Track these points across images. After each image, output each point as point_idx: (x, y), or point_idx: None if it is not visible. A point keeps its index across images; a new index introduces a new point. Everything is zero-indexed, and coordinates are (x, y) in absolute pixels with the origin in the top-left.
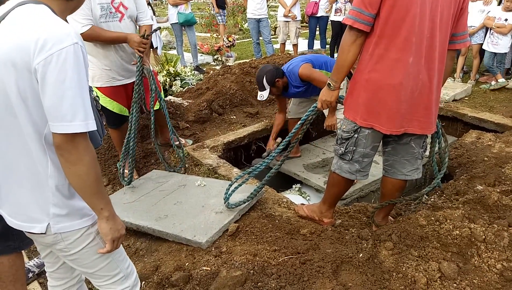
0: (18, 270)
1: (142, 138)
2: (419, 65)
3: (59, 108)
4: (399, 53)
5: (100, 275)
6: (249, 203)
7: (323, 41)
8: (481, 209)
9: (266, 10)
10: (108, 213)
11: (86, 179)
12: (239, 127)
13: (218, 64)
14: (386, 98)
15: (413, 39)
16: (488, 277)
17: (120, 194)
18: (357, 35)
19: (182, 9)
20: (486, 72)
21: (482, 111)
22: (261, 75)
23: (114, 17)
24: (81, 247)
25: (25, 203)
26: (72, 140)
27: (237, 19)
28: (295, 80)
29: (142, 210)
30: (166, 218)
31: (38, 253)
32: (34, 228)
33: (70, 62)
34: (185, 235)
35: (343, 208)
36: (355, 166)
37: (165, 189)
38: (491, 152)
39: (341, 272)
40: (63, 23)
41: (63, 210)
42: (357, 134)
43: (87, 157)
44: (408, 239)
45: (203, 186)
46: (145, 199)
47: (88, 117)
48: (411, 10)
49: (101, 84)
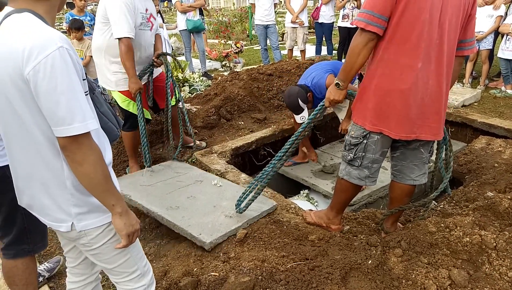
0: (31, 273)
1: (151, 144)
2: (428, 71)
3: (56, 114)
4: (408, 59)
5: (119, 271)
6: (259, 214)
7: (329, 47)
8: (492, 216)
9: (273, 16)
10: (121, 208)
11: (94, 177)
12: (247, 132)
13: (226, 70)
14: (395, 103)
15: (422, 44)
16: (500, 285)
17: (138, 175)
18: (369, 38)
19: (191, 16)
20: (495, 77)
21: (492, 117)
22: (294, 100)
23: (147, 26)
24: (102, 242)
25: (48, 206)
26: (76, 141)
27: (245, 25)
28: (320, 92)
29: (156, 196)
30: (177, 210)
31: (49, 258)
32: (61, 227)
33: (58, 67)
34: (191, 230)
35: (351, 214)
36: (365, 172)
37: (182, 180)
38: (502, 158)
39: (349, 279)
40: (45, 28)
41: (83, 208)
42: (366, 139)
43: (92, 157)
44: (417, 246)
45: (219, 186)
46: (161, 186)
47: (87, 117)
48: (421, 16)
49: (123, 88)
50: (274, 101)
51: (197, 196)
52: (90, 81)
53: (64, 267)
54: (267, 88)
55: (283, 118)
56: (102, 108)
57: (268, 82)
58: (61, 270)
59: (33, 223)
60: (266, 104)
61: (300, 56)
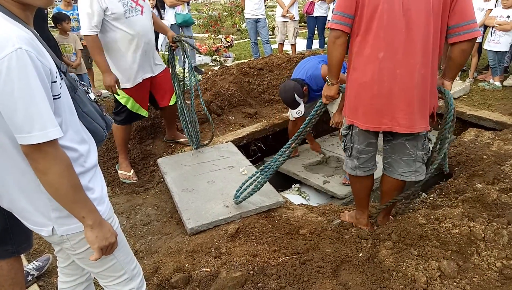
0: (17, 273)
1: (141, 140)
2: (394, 60)
3: (15, 121)
4: (370, 50)
5: (106, 275)
6: (257, 208)
7: (322, 41)
8: (481, 208)
9: (264, 10)
10: (92, 221)
11: (59, 188)
12: (238, 127)
13: (216, 65)
14: (361, 94)
15: (382, 34)
16: (488, 275)
17: (187, 156)
18: (335, 35)
19: (180, 10)
20: (484, 70)
21: (481, 109)
22: (290, 95)
23: (136, 11)
24: (86, 247)
25: (27, 210)
26: (38, 150)
27: (235, 19)
28: (316, 84)
29: (184, 176)
30: (190, 193)
31: (38, 256)
32: (42, 231)
33: (14, 70)
34: (184, 214)
35: (342, 208)
36: (354, 162)
37: (218, 165)
38: (490, 150)
39: (341, 272)
40: (3, 26)
41: (63, 212)
42: (351, 131)
43: (57, 166)
44: (407, 238)
45: (243, 174)
46: (196, 168)
47: (48, 125)
48: (379, 7)
49: (124, 86)
50: (265, 96)
51: (216, 181)
52: (71, 80)
53: (54, 265)
54: (258, 83)
55: (274, 113)
56: (85, 108)
57: (259, 76)
58: (51, 268)
59: (17, 224)
60: (256, 99)
61: (290, 50)
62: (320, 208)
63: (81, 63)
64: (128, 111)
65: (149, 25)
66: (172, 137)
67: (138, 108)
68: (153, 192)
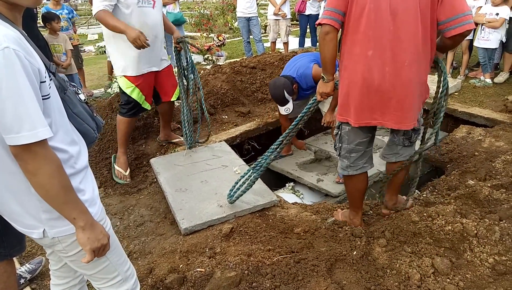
0: (9, 277)
1: (133, 140)
2: (383, 58)
3: (3, 121)
4: (360, 48)
5: (99, 277)
6: (251, 207)
7: (314, 39)
8: (473, 204)
9: (256, 8)
10: (84, 222)
11: (49, 189)
12: (231, 126)
13: (208, 64)
14: (352, 92)
15: (370, 33)
16: (481, 271)
17: (180, 155)
18: (324, 31)
19: (171, 9)
20: (475, 67)
21: (472, 106)
22: (280, 92)
23: (148, 3)
24: (78, 249)
25: (18, 212)
26: (28, 151)
27: (227, 18)
28: (306, 83)
29: (177, 176)
30: (183, 193)
31: (30, 258)
32: (33, 234)
33: (2, 69)
34: (178, 214)
35: (336, 206)
36: (345, 162)
37: (211, 164)
38: (482, 147)
39: (335, 270)
40: None
41: (53, 213)
42: (340, 130)
43: (47, 167)
44: (401, 235)
45: (237, 173)
46: (189, 167)
47: (37, 125)
48: (366, 6)
49: (130, 74)
50: (258, 94)
51: (209, 181)
52: (60, 80)
53: (47, 268)
54: (251, 81)
55: (267, 111)
56: (75, 108)
57: (251, 75)
58: (43, 271)
59: (8, 227)
60: (249, 98)
61: (283, 49)
62: (314, 206)
63: (72, 63)
64: (134, 102)
65: (159, 19)
66: (166, 137)
67: (143, 100)
68: (147, 193)
